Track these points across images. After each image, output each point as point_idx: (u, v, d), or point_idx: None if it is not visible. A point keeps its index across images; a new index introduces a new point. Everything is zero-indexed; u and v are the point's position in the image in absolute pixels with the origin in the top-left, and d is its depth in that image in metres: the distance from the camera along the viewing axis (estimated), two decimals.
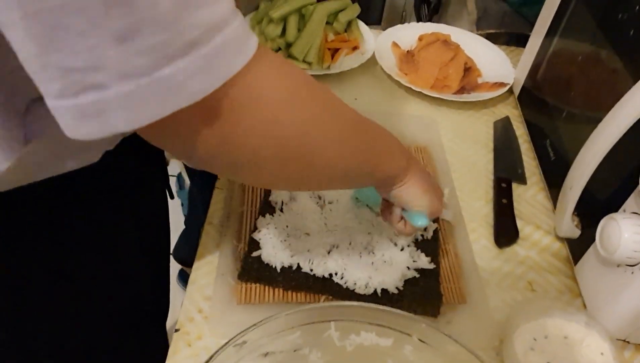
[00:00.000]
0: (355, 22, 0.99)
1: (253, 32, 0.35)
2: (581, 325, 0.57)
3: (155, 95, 0.30)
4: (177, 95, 0.31)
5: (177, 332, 0.55)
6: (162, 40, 0.29)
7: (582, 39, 0.76)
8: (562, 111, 0.76)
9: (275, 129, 0.38)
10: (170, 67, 0.30)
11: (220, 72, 0.32)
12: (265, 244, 0.60)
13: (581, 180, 0.59)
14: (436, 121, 0.86)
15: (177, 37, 0.29)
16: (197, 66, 0.30)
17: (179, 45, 0.30)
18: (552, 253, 0.69)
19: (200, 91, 0.31)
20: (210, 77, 0.31)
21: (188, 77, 0.30)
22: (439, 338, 0.47)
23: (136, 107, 0.30)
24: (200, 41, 0.30)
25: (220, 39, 0.31)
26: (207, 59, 0.31)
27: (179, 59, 0.30)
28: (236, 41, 0.32)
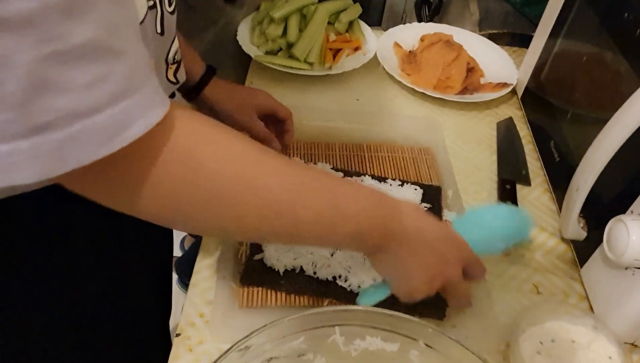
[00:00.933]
0: (357, 23, 0.99)
1: (151, 110, 0.33)
2: (588, 329, 0.56)
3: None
4: (13, 174, 0.29)
5: (177, 337, 0.54)
6: (5, 119, 0.28)
7: (586, 39, 0.75)
8: (567, 112, 0.75)
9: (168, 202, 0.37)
10: (9, 145, 0.28)
11: (71, 159, 0.30)
12: (267, 247, 0.60)
13: (588, 181, 0.58)
14: (439, 122, 0.85)
15: (23, 119, 0.28)
16: (41, 150, 0.29)
17: (24, 127, 0.28)
18: (557, 255, 0.68)
19: (40, 174, 0.30)
20: (57, 162, 0.30)
21: (27, 159, 0.29)
22: (445, 342, 0.46)
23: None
24: (52, 126, 0.29)
25: (80, 125, 0.30)
26: (56, 145, 0.29)
27: (20, 140, 0.29)
28: (105, 129, 0.31)
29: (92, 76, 0.29)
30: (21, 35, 0.27)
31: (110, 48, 0.30)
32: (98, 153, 0.31)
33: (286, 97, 0.87)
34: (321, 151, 0.76)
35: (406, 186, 0.70)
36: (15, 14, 0.26)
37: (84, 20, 0.29)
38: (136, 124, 0.32)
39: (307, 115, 0.82)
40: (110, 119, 0.31)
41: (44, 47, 0.27)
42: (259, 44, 0.94)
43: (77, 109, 0.29)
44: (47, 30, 0.27)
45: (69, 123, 0.29)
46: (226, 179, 0.38)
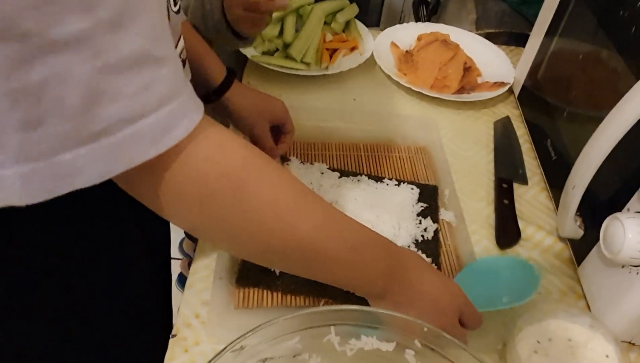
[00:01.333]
0: (353, 22, 0.98)
1: (191, 115, 0.35)
2: (585, 327, 0.56)
3: (51, 177, 0.31)
4: (74, 178, 0.32)
5: (173, 338, 0.54)
6: (66, 130, 0.30)
7: (582, 37, 0.75)
8: (563, 111, 0.75)
9: (206, 206, 0.39)
10: (71, 153, 0.31)
11: (123, 160, 0.33)
12: None
13: (584, 179, 0.58)
14: (436, 121, 0.85)
15: (81, 128, 0.31)
16: (98, 154, 0.32)
17: (82, 135, 0.31)
18: (554, 254, 0.68)
19: (98, 176, 0.32)
20: (111, 164, 0.33)
21: (87, 163, 0.32)
22: (441, 342, 0.46)
23: (32, 186, 0.31)
24: (106, 132, 0.31)
25: (130, 130, 0.32)
26: (110, 148, 0.32)
27: (80, 146, 0.31)
28: (152, 132, 0.33)
29: (140, 83, 0.32)
30: (77, 52, 0.29)
31: (154, 56, 0.32)
32: (148, 154, 0.33)
33: (283, 98, 0.87)
34: (318, 151, 0.76)
35: (403, 185, 0.70)
36: (71, 34, 0.28)
37: (130, 31, 0.31)
38: (180, 125, 0.34)
39: (303, 115, 0.82)
40: (157, 122, 0.33)
41: (97, 61, 0.29)
42: (256, 44, 0.93)
43: (127, 116, 0.32)
44: (99, 45, 0.29)
45: (120, 129, 0.32)
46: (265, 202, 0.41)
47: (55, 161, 0.31)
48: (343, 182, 0.69)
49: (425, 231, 0.65)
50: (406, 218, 0.65)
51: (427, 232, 0.65)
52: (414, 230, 0.65)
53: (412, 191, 0.69)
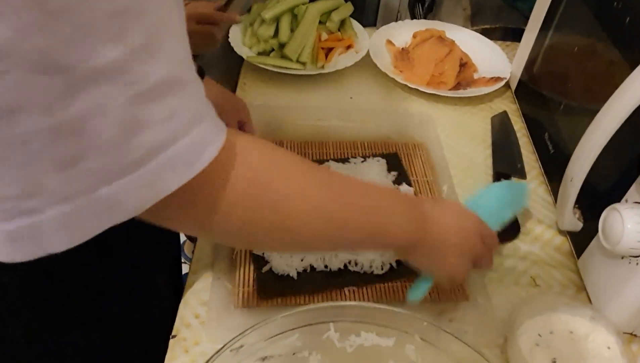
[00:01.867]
0: (348, 21, 0.98)
1: (217, 134, 0.35)
2: (586, 320, 0.56)
3: (92, 214, 0.30)
4: (115, 212, 0.31)
5: (173, 338, 0.54)
6: (104, 164, 0.29)
7: (577, 30, 0.75)
8: (560, 104, 0.75)
9: (249, 210, 0.39)
10: (110, 188, 0.30)
11: (161, 187, 0.32)
12: (271, 256, 0.59)
13: (581, 171, 0.58)
14: (433, 117, 0.85)
15: (119, 160, 0.30)
16: (137, 184, 0.31)
17: (120, 166, 0.30)
18: (554, 247, 0.67)
19: (138, 207, 0.32)
20: (150, 193, 0.32)
21: (126, 195, 0.31)
22: (441, 336, 0.46)
23: (72, 227, 0.30)
24: (143, 161, 0.31)
25: (164, 156, 0.31)
26: (148, 177, 0.31)
27: (119, 179, 0.30)
28: (185, 156, 0.33)
29: (170, 109, 0.31)
30: (113, 83, 0.28)
31: (180, 80, 0.32)
32: (182, 178, 0.33)
33: (279, 97, 0.87)
34: (315, 150, 0.76)
35: (369, 160, 0.73)
36: (107, 64, 0.28)
37: (158, 58, 0.30)
38: (210, 147, 0.34)
39: (300, 114, 0.82)
40: (188, 146, 0.33)
41: (130, 91, 0.29)
42: (251, 45, 0.94)
43: (161, 142, 0.31)
44: (131, 73, 0.29)
45: (156, 156, 0.31)
46: (291, 195, 0.41)
47: (95, 196, 0.30)
48: None
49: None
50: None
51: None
52: None
53: (379, 163, 0.72)
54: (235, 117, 0.72)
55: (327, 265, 0.59)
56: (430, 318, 0.54)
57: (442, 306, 0.58)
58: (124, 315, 0.60)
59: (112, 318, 0.59)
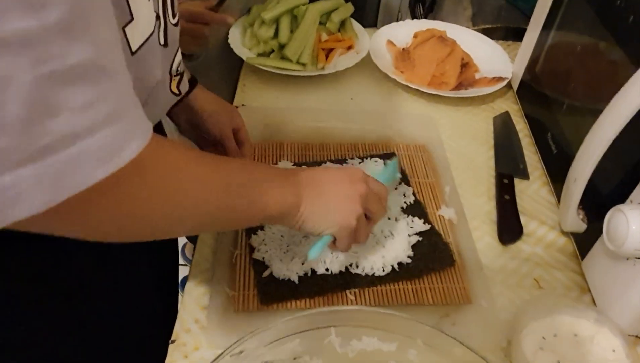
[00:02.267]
0: (349, 22, 0.98)
1: (141, 133, 0.33)
2: (591, 322, 0.55)
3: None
4: (14, 205, 0.28)
5: (172, 343, 0.53)
6: (5, 146, 0.27)
7: (580, 29, 0.74)
8: (563, 104, 0.74)
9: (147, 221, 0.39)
10: (11, 175, 0.28)
11: (70, 183, 0.30)
12: (271, 260, 0.59)
13: (585, 172, 0.57)
14: (434, 118, 0.84)
15: (23, 144, 0.27)
16: (43, 175, 0.28)
17: (24, 152, 0.28)
18: (558, 248, 0.67)
19: (41, 203, 0.29)
20: (57, 187, 0.29)
21: (30, 186, 0.28)
22: (444, 341, 0.45)
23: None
24: (51, 149, 0.28)
25: (76, 148, 0.29)
26: (56, 168, 0.29)
27: (22, 167, 0.28)
28: (100, 151, 0.30)
29: (89, 96, 0.29)
30: (20, 55, 0.26)
31: (105, 68, 0.30)
32: (97, 175, 0.30)
33: (279, 99, 0.87)
34: (315, 152, 0.75)
35: (366, 160, 0.72)
36: (13, 33, 0.26)
37: (82, 40, 0.28)
38: (132, 143, 0.32)
39: (300, 116, 0.81)
40: (107, 140, 0.30)
41: (42, 67, 0.27)
42: (251, 46, 0.93)
43: (76, 130, 0.29)
44: (45, 50, 0.27)
45: (68, 145, 0.29)
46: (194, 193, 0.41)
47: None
48: None
49: (405, 196, 0.68)
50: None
51: (407, 197, 0.68)
52: (396, 198, 0.67)
53: (377, 164, 0.72)
54: (229, 124, 0.71)
55: (328, 268, 0.58)
56: (433, 322, 0.54)
57: (445, 310, 0.58)
58: (122, 319, 0.60)
59: (110, 323, 0.58)
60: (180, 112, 0.69)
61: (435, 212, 0.68)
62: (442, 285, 0.60)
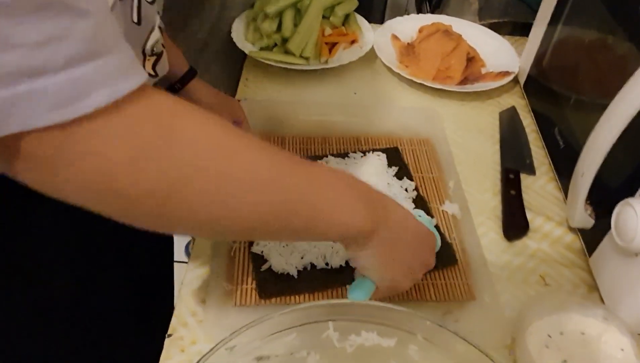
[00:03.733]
0: (353, 16, 0.97)
1: (117, 81, 0.30)
2: (599, 320, 0.54)
3: None
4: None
5: (169, 337, 0.52)
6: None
7: (588, 22, 0.73)
8: (570, 98, 0.73)
9: (115, 189, 0.32)
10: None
11: (16, 120, 0.27)
12: (270, 254, 0.58)
13: (593, 165, 0.56)
14: (439, 113, 0.83)
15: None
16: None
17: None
18: (564, 245, 0.65)
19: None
20: (1, 120, 0.27)
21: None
22: (446, 337, 0.44)
23: None
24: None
25: (26, 86, 0.27)
26: (2, 101, 0.27)
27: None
28: (54, 96, 0.28)
29: (46, 33, 0.27)
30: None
31: (71, 6, 0.28)
32: (46, 119, 0.28)
33: (282, 93, 0.86)
34: (318, 146, 0.74)
35: (368, 154, 0.71)
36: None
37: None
38: (98, 92, 0.29)
39: (303, 110, 0.80)
40: (66, 84, 0.28)
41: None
42: (254, 40, 0.92)
43: (25, 68, 0.27)
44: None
45: (15, 82, 0.27)
46: (208, 151, 0.34)
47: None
48: None
49: (407, 191, 0.66)
50: (387, 183, 0.66)
51: (409, 192, 0.66)
52: (398, 193, 0.66)
53: (379, 157, 0.70)
54: (229, 118, 0.70)
55: (327, 262, 0.57)
56: (435, 319, 0.52)
57: (448, 306, 0.56)
58: (118, 313, 0.59)
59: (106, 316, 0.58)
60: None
61: (439, 207, 0.66)
62: (444, 281, 0.58)
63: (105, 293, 0.58)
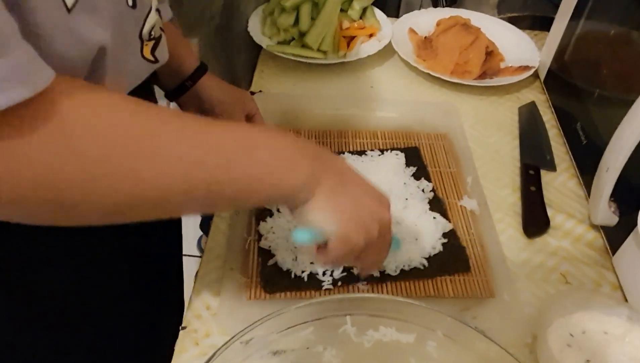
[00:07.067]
0: (370, 9, 0.95)
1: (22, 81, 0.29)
2: (623, 319, 0.52)
3: None
4: None
5: (183, 330, 0.52)
6: None
7: (612, 16, 0.71)
8: (593, 93, 0.71)
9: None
10: None
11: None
12: (277, 250, 0.57)
13: (619, 160, 0.54)
14: (457, 107, 0.81)
15: None
16: None
17: None
18: (586, 243, 0.64)
19: None
20: None
21: None
22: (466, 333, 0.43)
23: None
24: None
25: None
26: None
27: None
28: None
29: None
30: None
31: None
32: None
33: (297, 86, 0.85)
34: (334, 139, 0.73)
35: (386, 153, 0.70)
36: None
37: None
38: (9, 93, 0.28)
39: (319, 103, 0.79)
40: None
41: None
42: (271, 34, 0.91)
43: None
44: None
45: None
46: (116, 139, 0.33)
47: None
48: None
49: (423, 191, 0.65)
50: (403, 183, 0.65)
51: (425, 193, 0.65)
52: (415, 193, 0.64)
53: (397, 157, 0.69)
54: (241, 110, 0.69)
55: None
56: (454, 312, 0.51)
57: (466, 303, 0.55)
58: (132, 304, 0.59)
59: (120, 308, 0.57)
60: (189, 101, 0.68)
61: (457, 202, 0.65)
62: (463, 277, 0.57)
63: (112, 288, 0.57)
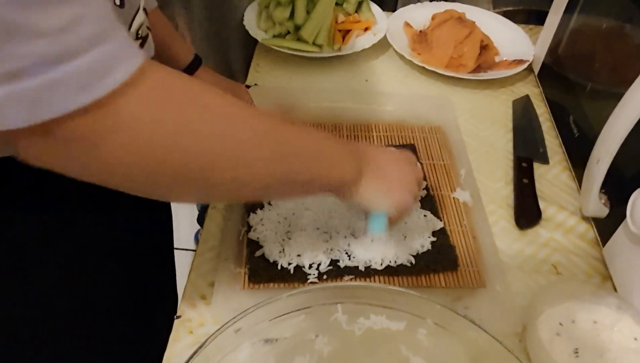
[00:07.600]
0: (366, 3, 0.96)
1: (128, 59, 0.31)
2: (612, 309, 0.53)
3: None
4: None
5: (178, 319, 0.52)
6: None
7: (605, 10, 0.71)
8: (586, 87, 0.72)
9: (151, 155, 0.34)
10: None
11: (48, 107, 0.29)
12: (265, 242, 0.57)
13: (609, 152, 0.55)
14: (451, 100, 0.82)
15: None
16: (18, 96, 0.28)
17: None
18: (577, 234, 0.64)
19: (20, 120, 0.29)
20: (34, 109, 0.29)
21: (6, 106, 0.28)
22: (456, 322, 0.43)
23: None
24: (25, 73, 0.28)
25: (53, 73, 0.28)
26: (32, 91, 0.28)
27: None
28: (80, 78, 0.29)
29: (65, 19, 0.28)
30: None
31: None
32: (78, 101, 0.29)
33: (293, 79, 0.85)
34: (328, 132, 0.74)
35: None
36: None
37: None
38: (118, 69, 0.30)
39: (314, 97, 0.80)
40: (90, 64, 0.29)
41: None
42: (267, 28, 0.91)
43: (52, 55, 0.28)
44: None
45: (44, 69, 0.28)
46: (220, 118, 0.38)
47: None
48: None
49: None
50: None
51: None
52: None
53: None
54: None
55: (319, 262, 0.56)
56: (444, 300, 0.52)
57: (458, 293, 0.56)
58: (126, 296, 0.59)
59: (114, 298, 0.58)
60: None
61: (450, 194, 0.66)
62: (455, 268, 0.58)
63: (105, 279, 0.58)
